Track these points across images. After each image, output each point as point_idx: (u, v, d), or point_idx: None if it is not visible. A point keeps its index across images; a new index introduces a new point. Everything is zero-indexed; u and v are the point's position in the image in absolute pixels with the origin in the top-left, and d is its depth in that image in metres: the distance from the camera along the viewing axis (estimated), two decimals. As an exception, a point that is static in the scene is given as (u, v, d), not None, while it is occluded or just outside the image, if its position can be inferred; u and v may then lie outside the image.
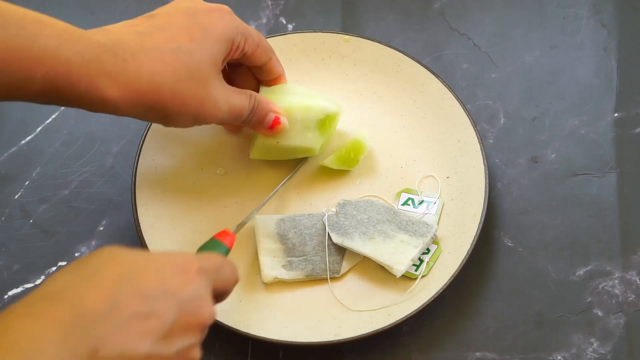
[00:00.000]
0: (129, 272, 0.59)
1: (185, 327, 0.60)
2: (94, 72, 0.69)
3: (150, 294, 0.59)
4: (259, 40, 0.79)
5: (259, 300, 0.81)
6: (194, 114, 0.74)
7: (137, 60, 0.70)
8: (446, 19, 0.96)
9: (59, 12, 0.97)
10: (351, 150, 0.84)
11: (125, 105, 0.71)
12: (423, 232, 0.81)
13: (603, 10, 0.95)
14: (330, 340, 0.77)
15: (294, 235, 0.82)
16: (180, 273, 0.61)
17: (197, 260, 0.63)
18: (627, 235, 0.84)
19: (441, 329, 0.81)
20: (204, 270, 0.63)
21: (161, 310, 0.59)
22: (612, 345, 0.80)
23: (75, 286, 0.58)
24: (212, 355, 0.80)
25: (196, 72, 0.73)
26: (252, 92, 0.79)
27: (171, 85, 0.72)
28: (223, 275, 0.66)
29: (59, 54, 0.68)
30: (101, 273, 0.59)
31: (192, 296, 0.61)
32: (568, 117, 0.90)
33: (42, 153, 0.90)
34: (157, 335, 0.59)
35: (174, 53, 0.72)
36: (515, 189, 0.87)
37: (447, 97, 0.87)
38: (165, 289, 0.60)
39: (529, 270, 0.83)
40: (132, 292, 0.59)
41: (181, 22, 0.73)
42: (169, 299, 0.60)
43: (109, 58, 0.69)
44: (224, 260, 0.67)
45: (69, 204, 0.87)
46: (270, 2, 0.97)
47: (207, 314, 0.62)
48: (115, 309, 0.58)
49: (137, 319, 0.58)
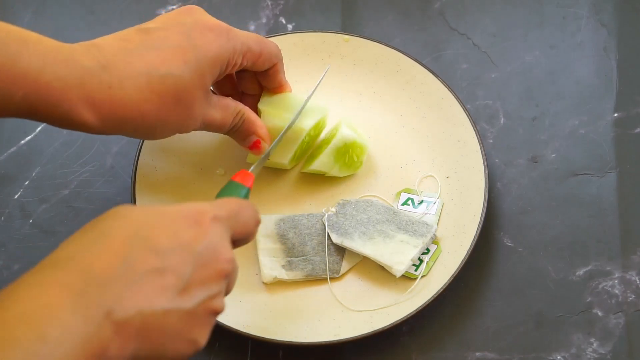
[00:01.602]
0: (139, 229, 0.59)
1: (204, 278, 0.60)
2: (75, 98, 0.68)
3: (163, 249, 0.59)
4: (260, 51, 0.77)
5: (259, 300, 0.81)
6: (174, 130, 0.75)
7: (124, 87, 0.70)
8: (446, 19, 0.96)
9: (59, 12, 0.97)
10: (353, 154, 0.84)
11: (106, 130, 0.71)
12: (423, 232, 0.81)
13: (603, 10, 0.95)
14: (330, 340, 0.77)
15: (293, 235, 0.82)
16: (193, 224, 0.61)
17: (211, 209, 0.62)
18: (627, 235, 0.84)
19: (441, 329, 0.81)
20: (219, 218, 0.62)
21: (176, 264, 0.59)
22: (612, 345, 0.80)
23: (85, 250, 0.57)
24: (212, 355, 0.80)
25: (183, 97, 0.72)
26: (242, 109, 0.78)
27: (156, 110, 0.71)
28: (242, 219, 0.65)
29: (40, 78, 0.67)
30: (111, 234, 0.58)
31: (208, 246, 0.60)
32: (568, 117, 0.90)
33: (42, 153, 0.90)
34: (175, 290, 0.58)
35: (163, 79, 0.71)
36: (515, 188, 0.87)
37: (447, 97, 0.87)
38: (179, 242, 0.59)
39: (529, 270, 0.83)
40: (144, 249, 0.58)
41: (175, 42, 0.72)
42: (183, 252, 0.59)
43: (94, 84, 0.69)
44: (241, 204, 0.66)
45: (68, 204, 0.87)
46: (270, 2, 0.97)
47: (226, 261, 0.61)
48: (127, 268, 0.57)
49: (152, 275, 0.58)
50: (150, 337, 0.58)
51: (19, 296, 0.55)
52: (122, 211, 0.60)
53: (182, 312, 0.59)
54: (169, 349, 0.59)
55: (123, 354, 0.57)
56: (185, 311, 0.59)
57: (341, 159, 0.83)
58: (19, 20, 0.95)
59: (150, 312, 0.57)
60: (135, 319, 0.57)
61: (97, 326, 0.55)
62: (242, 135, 0.80)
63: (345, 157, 0.83)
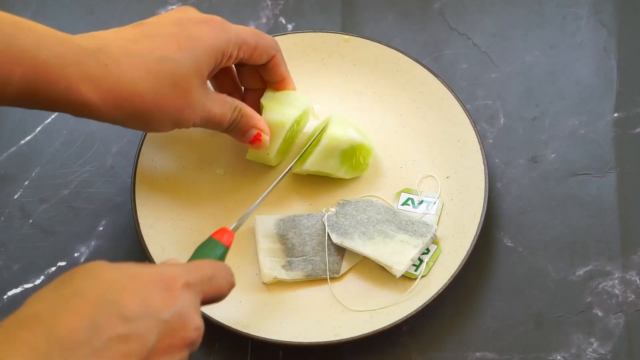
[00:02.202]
0: (108, 292, 0.58)
1: (168, 347, 0.60)
2: (74, 75, 0.68)
3: (130, 315, 0.58)
4: (256, 43, 0.77)
5: (259, 300, 0.81)
6: (173, 120, 0.74)
7: (120, 66, 0.70)
8: (446, 19, 0.96)
9: (59, 12, 0.97)
10: (360, 156, 0.84)
11: (106, 110, 0.70)
12: (423, 232, 0.81)
13: (603, 10, 0.95)
14: (330, 341, 0.77)
15: (293, 236, 0.82)
16: (163, 290, 0.60)
17: (183, 274, 0.62)
18: (627, 235, 0.84)
19: (441, 329, 0.81)
20: (191, 284, 0.62)
21: (142, 331, 0.58)
22: (612, 345, 0.80)
23: (53, 310, 0.57)
24: (212, 355, 0.80)
25: (179, 81, 0.72)
26: (239, 104, 0.78)
27: (153, 92, 0.71)
28: (215, 283, 0.65)
29: (37, 55, 0.67)
30: (79, 295, 0.57)
31: (176, 314, 0.60)
32: (568, 117, 0.90)
33: (42, 153, 0.90)
34: (139, 357, 0.58)
35: (158, 61, 0.71)
36: (515, 188, 0.87)
37: (447, 97, 0.87)
38: (146, 309, 0.59)
39: (528, 270, 0.83)
40: (112, 314, 0.57)
41: (170, 32, 0.73)
42: (150, 319, 0.59)
43: (91, 62, 0.69)
44: (216, 267, 0.66)
45: (68, 204, 0.87)
46: (270, 2, 0.97)
47: (192, 330, 0.61)
48: (94, 333, 0.56)
49: (117, 342, 0.57)
50: None
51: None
52: (93, 270, 0.59)
53: None
54: None
55: None
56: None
57: (348, 161, 0.83)
58: (19, 20, 0.95)
59: None
60: None
61: None
62: (241, 130, 0.79)
63: (352, 159, 0.83)
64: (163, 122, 0.73)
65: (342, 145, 0.82)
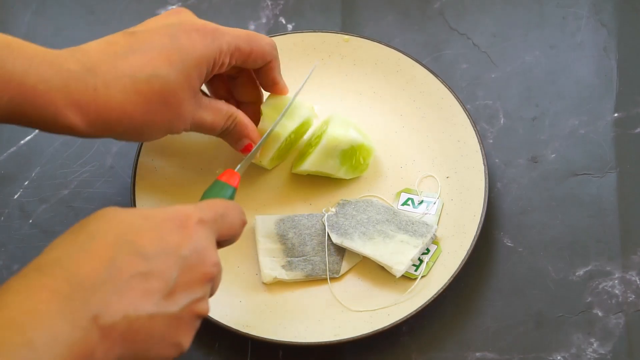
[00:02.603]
0: (125, 233, 0.59)
1: (189, 282, 0.60)
2: (62, 101, 0.68)
3: (149, 253, 0.59)
4: (250, 49, 0.77)
5: (259, 300, 0.81)
6: (163, 131, 0.74)
7: (109, 89, 0.69)
8: (446, 19, 0.96)
9: (59, 12, 0.97)
10: (360, 156, 0.84)
11: (94, 132, 0.71)
12: (423, 232, 0.81)
13: (603, 10, 0.95)
14: (330, 341, 0.77)
15: (293, 236, 0.82)
16: (179, 228, 0.61)
17: (196, 212, 0.63)
18: (627, 235, 0.84)
19: (441, 329, 0.81)
20: (204, 221, 0.63)
21: (161, 268, 0.59)
22: (612, 345, 0.80)
23: (71, 254, 0.58)
24: (212, 355, 0.80)
25: (169, 97, 0.72)
26: (234, 112, 0.78)
27: (143, 112, 0.71)
28: (228, 220, 0.65)
29: (25, 80, 0.67)
30: (97, 238, 0.58)
31: (193, 250, 0.61)
32: (568, 117, 0.90)
33: (42, 153, 0.89)
34: (160, 294, 0.59)
35: (148, 81, 0.71)
36: (515, 189, 0.87)
37: (447, 97, 0.87)
38: (164, 246, 0.60)
39: (528, 270, 0.83)
40: (130, 253, 0.58)
41: (160, 44, 0.72)
42: (168, 256, 0.60)
43: (80, 87, 0.69)
44: (227, 205, 0.66)
45: (68, 204, 0.87)
46: (269, 2, 0.97)
47: (211, 265, 0.62)
48: (113, 273, 0.57)
49: (138, 280, 0.58)
50: (136, 341, 0.58)
51: (5, 302, 0.55)
52: (108, 214, 0.60)
53: (167, 316, 0.59)
54: (153, 352, 0.59)
55: (109, 358, 0.57)
56: (170, 315, 0.59)
57: (348, 161, 0.83)
58: (19, 20, 0.95)
59: (135, 317, 0.58)
60: (121, 323, 0.57)
61: (83, 331, 0.56)
62: (234, 138, 0.80)
63: (352, 159, 0.83)
64: (153, 135, 0.74)
65: (342, 145, 0.82)
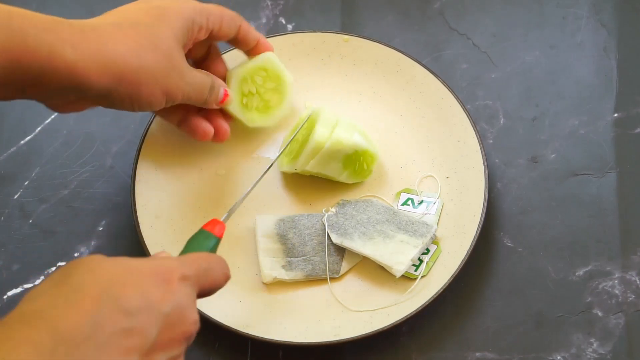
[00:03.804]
0: (109, 287, 0.58)
1: (169, 340, 0.60)
2: (53, 40, 0.67)
3: (131, 309, 0.58)
4: (221, 14, 0.79)
5: (259, 301, 0.81)
6: (162, 86, 0.73)
7: (97, 31, 0.70)
8: (446, 19, 0.96)
9: (59, 12, 0.96)
10: (364, 162, 0.84)
11: (94, 75, 0.69)
12: (423, 232, 0.81)
13: (603, 10, 0.95)
14: (330, 341, 0.77)
15: (293, 236, 0.82)
16: (161, 284, 0.60)
17: (179, 267, 0.62)
18: (627, 235, 0.84)
19: (441, 329, 0.81)
20: (187, 277, 0.62)
21: (143, 325, 0.58)
22: (612, 345, 0.80)
23: (54, 306, 0.57)
24: (212, 355, 0.80)
25: (159, 44, 0.73)
26: (215, 79, 0.79)
27: (136, 53, 0.71)
28: (210, 275, 0.65)
29: (11, 25, 0.66)
30: (80, 291, 0.57)
31: (175, 307, 0.60)
32: (568, 117, 0.90)
33: (42, 153, 0.90)
34: (141, 351, 0.58)
35: (133, 26, 0.72)
36: (515, 189, 0.87)
37: (447, 97, 0.87)
38: (147, 303, 0.59)
39: (528, 270, 0.83)
40: (113, 309, 0.57)
41: (137, 7, 0.74)
42: (150, 313, 0.59)
43: (66, 29, 0.69)
44: (211, 260, 0.66)
45: (68, 204, 0.87)
46: (269, 2, 0.97)
47: (191, 323, 0.61)
48: (96, 329, 0.56)
49: (119, 336, 0.57)
50: None
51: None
52: (92, 263, 0.59)
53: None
54: None
55: None
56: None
57: (351, 166, 0.83)
58: (19, 20, 0.95)
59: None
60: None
61: None
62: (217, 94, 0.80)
63: (355, 164, 0.83)
64: (152, 89, 0.73)
65: (345, 150, 0.82)
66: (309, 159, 0.82)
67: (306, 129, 0.83)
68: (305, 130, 0.83)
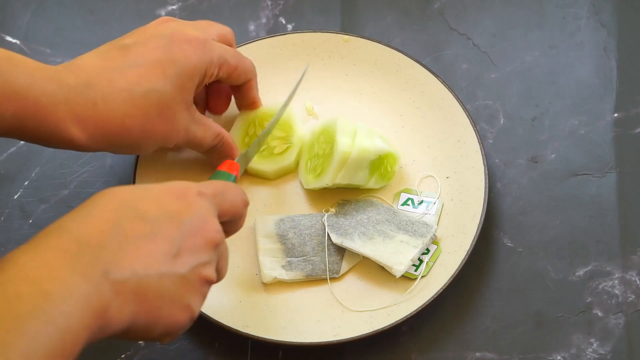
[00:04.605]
0: (127, 201, 0.61)
1: (194, 246, 0.62)
2: (62, 115, 0.70)
3: (151, 218, 0.61)
4: (236, 64, 0.79)
5: (259, 301, 0.81)
6: (158, 144, 0.76)
7: (108, 103, 0.72)
8: (446, 19, 0.96)
9: (59, 12, 0.97)
10: (387, 165, 0.83)
11: (94, 145, 0.73)
12: (423, 232, 0.81)
13: (603, 10, 0.95)
14: (329, 341, 0.77)
15: (293, 236, 0.82)
16: (179, 197, 0.63)
17: (195, 186, 0.65)
18: (627, 235, 0.84)
19: (441, 329, 0.81)
20: (204, 194, 0.65)
21: (165, 231, 0.61)
22: (612, 346, 0.80)
23: (76, 220, 0.59)
24: (212, 355, 0.80)
25: (165, 110, 0.74)
26: (221, 132, 0.80)
27: (141, 126, 0.73)
28: (228, 197, 0.67)
29: (28, 94, 0.69)
30: (100, 205, 0.60)
31: (194, 217, 0.62)
32: (568, 117, 0.90)
33: (42, 153, 0.89)
34: (167, 255, 0.60)
35: (145, 95, 0.73)
36: (515, 189, 0.87)
37: (447, 97, 0.87)
38: (166, 211, 0.61)
39: (528, 270, 0.83)
40: (134, 216, 0.60)
41: (155, 57, 0.74)
42: (171, 221, 0.61)
43: (80, 101, 0.71)
44: (228, 185, 0.68)
45: (68, 204, 0.87)
46: (269, 2, 0.97)
47: (214, 231, 0.63)
48: (119, 234, 0.59)
49: (143, 241, 0.60)
50: (147, 299, 0.59)
51: (17, 260, 0.56)
52: (109, 190, 0.62)
53: (175, 276, 0.60)
54: (165, 312, 0.60)
55: (122, 316, 0.58)
56: (178, 275, 0.61)
57: (376, 170, 0.83)
58: (19, 20, 0.95)
59: (144, 274, 0.59)
60: (131, 280, 0.58)
61: (96, 285, 0.57)
62: (218, 156, 0.81)
63: (380, 168, 0.83)
64: (149, 147, 0.76)
65: (370, 156, 0.81)
66: (338, 171, 0.81)
67: (325, 142, 0.83)
68: (325, 144, 0.83)
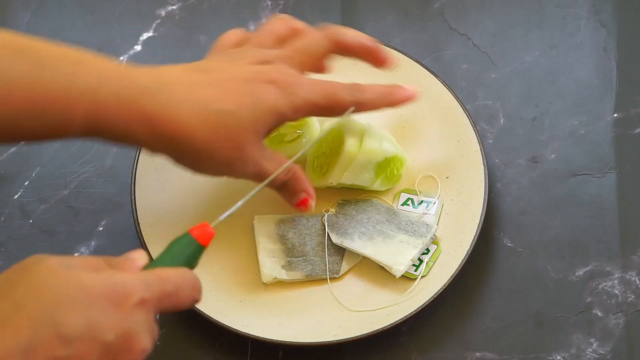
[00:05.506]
0: (52, 309, 0.56)
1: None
2: (132, 114, 0.68)
3: (70, 336, 0.56)
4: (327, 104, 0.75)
5: (259, 300, 0.81)
6: (222, 169, 0.73)
7: (179, 109, 0.69)
8: (446, 19, 0.96)
9: (58, 12, 0.97)
10: (394, 167, 0.83)
11: (159, 150, 0.71)
12: (423, 232, 0.81)
13: (603, 10, 0.95)
14: (330, 341, 0.77)
15: (293, 236, 0.82)
16: (111, 308, 0.57)
17: (140, 289, 0.59)
18: (627, 235, 0.84)
19: (441, 329, 0.81)
20: (146, 301, 0.59)
21: (81, 354, 0.56)
22: (612, 346, 0.80)
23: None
24: (212, 355, 0.80)
25: (235, 135, 0.71)
26: (293, 166, 0.77)
27: (207, 138, 0.70)
28: (174, 299, 0.61)
29: (97, 95, 0.67)
30: (20, 311, 0.56)
31: (121, 335, 0.57)
32: (567, 117, 0.90)
33: (42, 153, 0.90)
34: None
35: (218, 114, 0.70)
36: (515, 189, 0.87)
37: (447, 97, 0.87)
38: (90, 329, 0.56)
39: (528, 270, 0.83)
40: (50, 334, 0.55)
41: (236, 87, 0.72)
42: (92, 341, 0.56)
43: (149, 102, 0.68)
44: (181, 282, 0.62)
45: (68, 204, 0.87)
46: (269, 2, 0.97)
47: (138, 352, 0.58)
48: (29, 355, 0.55)
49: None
50: None
51: None
52: (40, 274, 0.57)
53: None
54: None
55: None
56: None
57: (382, 173, 0.83)
58: (19, 20, 0.95)
59: None
60: None
61: None
62: (290, 191, 0.78)
63: (386, 171, 0.83)
64: (211, 167, 0.73)
65: (377, 158, 0.81)
66: (343, 171, 0.81)
67: (332, 141, 0.83)
68: (332, 144, 0.83)
